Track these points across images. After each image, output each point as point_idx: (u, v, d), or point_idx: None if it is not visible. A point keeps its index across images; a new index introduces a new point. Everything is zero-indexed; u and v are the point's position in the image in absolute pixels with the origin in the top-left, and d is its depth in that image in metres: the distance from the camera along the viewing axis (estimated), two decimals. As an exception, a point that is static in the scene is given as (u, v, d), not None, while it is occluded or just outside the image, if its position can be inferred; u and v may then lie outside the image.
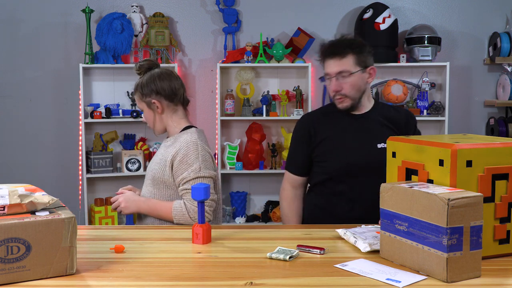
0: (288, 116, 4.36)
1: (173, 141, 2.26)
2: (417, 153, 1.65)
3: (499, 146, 1.59)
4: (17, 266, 1.40)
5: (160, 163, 2.23)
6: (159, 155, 2.28)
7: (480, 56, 4.55)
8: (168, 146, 2.27)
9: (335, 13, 4.51)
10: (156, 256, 1.69)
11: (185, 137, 2.22)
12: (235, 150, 4.38)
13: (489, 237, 1.59)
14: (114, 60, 4.24)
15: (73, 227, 1.47)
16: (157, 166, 2.24)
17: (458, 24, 4.54)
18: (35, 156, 4.45)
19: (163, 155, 2.24)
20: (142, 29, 4.35)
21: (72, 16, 4.38)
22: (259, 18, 4.47)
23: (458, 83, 4.52)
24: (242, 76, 4.31)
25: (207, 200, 1.87)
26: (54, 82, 4.44)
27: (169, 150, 2.24)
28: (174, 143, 2.25)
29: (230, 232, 1.96)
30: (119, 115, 4.31)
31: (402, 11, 4.52)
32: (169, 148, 2.25)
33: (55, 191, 2.83)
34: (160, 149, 2.33)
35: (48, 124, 4.46)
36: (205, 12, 4.47)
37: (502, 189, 1.59)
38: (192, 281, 1.45)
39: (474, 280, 1.42)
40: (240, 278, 1.46)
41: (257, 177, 4.58)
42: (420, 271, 1.48)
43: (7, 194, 1.47)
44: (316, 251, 1.68)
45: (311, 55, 4.47)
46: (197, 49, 4.49)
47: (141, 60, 2.37)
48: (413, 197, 1.48)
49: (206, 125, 4.51)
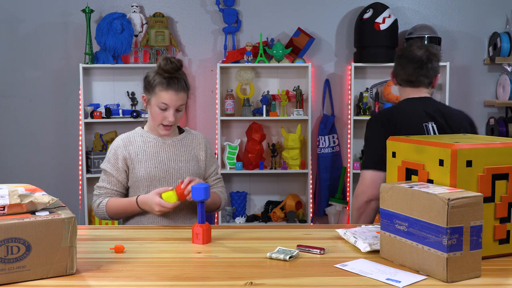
0: (288, 116, 4.36)
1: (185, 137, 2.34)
2: (417, 153, 1.65)
3: (499, 146, 1.59)
4: (17, 266, 1.40)
5: (192, 160, 2.30)
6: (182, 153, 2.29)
7: (480, 56, 4.55)
8: (184, 143, 2.32)
9: (335, 13, 4.51)
10: (156, 256, 1.69)
11: (197, 133, 2.41)
12: (235, 150, 4.38)
13: (489, 237, 1.59)
14: (114, 60, 4.24)
15: (73, 227, 1.47)
16: (191, 164, 2.28)
17: (458, 24, 4.54)
18: (35, 156, 4.45)
19: (191, 152, 2.31)
20: (142, 29, 4.35)
21: (72, 16, 4.38)
22: (259, 18, 4.47)
23: (458, 83, 4.52)
24: (242, 76, 4.31)
25: (207, 199, 1.86)
26: (54, 82, 4.44)
27: (193, 146, 2.34)
28: (191, 139, 2.35)
29: (230, 232, 1.96)
30: (119, 115, 4.31)
31: (402, 11, 4.52)
32: (190, 145, 2.33)
33: (55, 191, 2.84)
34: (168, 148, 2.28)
35: (48, 124, 4.46)
36: (205, 12, 4.47)
37: (502, 189, 1.59)
38: (192, 281, 1.45)
39: (474, 280, 1.42)
40: (240, 278, 1.46)
41: (257, 177, 4.58)
42: (420, 271, 1.48)
43: (7, 194, 1.47)
44: (316, 251, 1.68)
45: (311, 55, 4.47)
46: (197, 49, 4.49)
47: (172, 57, 2.21)
48: (413, 197, 1.48)
49: (206, 125, 4.51)
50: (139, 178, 2.23)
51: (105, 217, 2.26)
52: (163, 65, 2.17)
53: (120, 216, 2.28)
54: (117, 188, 2.27)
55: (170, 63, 2.17)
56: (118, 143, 2.28)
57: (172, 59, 2.19)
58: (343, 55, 4.53)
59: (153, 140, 2.29)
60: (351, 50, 4.48)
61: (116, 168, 2.25)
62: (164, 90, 2.18)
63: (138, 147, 2.27)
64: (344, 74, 4.54)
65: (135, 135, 2.31)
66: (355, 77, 4.42)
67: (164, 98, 2.18)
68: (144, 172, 2.23)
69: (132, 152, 2.26)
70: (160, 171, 2.24)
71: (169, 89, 2.18)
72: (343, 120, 4.56)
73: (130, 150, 2.26)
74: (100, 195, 2.27)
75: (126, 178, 2.27)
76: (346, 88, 4.53)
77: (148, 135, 2.30)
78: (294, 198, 4.44)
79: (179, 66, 2.19)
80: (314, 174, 4.51)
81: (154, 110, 2.22)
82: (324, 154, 4.45)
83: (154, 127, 2.29)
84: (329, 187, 4.49)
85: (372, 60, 4.29)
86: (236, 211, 4.45)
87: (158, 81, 2.19)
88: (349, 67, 4.46)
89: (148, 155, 2.26)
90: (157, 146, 2.28)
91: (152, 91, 2.21)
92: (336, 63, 4.54)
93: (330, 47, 4.53)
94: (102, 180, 2.28)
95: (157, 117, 2.23)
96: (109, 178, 2.26)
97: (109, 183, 2.26)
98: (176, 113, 2.23)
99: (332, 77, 4.54)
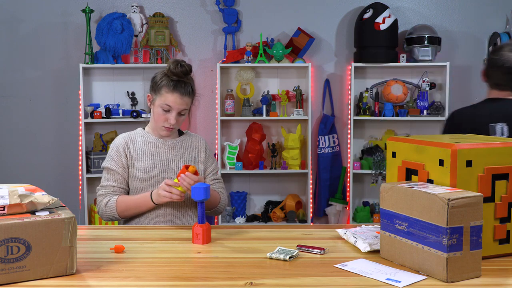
0: (288, 116, 4.37)
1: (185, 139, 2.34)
2: (417, 153, 1.65)
3: (499, 146, 1.59)
4: (17, 266, 1.40)
5: (191, 162, 2.29)
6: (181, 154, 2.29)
7: (480, 56, 4.54)
8: (183, 145, 2.32)
9: (335, 13, 4.51)
10: (156, 256, 1.69)
11: (197, 136, 2.41)
12: (235, 150, 4.38)
13: (489, 237, 1.59)
14: (114, 60, 4.24)
15: (73, 227, 1.47)
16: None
17: (458, 24, 4.54)
18: (35, 156, 4.45)
19: (190, 154, 2.31)
20: (142, 29, 4.35)
21: (72, 16, 4.38)
22: (259, 18, 4.47)
23: (458, 83, 4.52)
24: (242, 76, 4.31)
25: (207, 199, 1.86)
26: (54, 82, 4.44)
27: (192, 147, 2.34)
28: (191, 141, 2.35)
29: (230, 232, 1.96)
30: (119, 115, 4.31)
31: (402, 11, 4.52)
32: (189, 147, 2.33)
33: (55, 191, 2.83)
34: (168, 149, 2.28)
35: (48, 124, 4.46)
36: (205, 12, 4.47)
37: (502, 189, 1.59)
38: (192, 281, 1.45)
39: (474, 280, 1.42)
40: (240, 278, 1.46)
41: (257, 177, 4.58)
42: (420, 271, 1.48)
43: (7, 194, 1.47)
44: (316, 251, 1.68)
45: (311, 55, 4.47)
46: (197, 49, 4.49)
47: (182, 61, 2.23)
48: (413, 197, 1.48)
49: (206, 125, 4.51)
50: (137, 178, 2.23)
51: (113, 216, 2.22)
52: (173, 68, 2.19)
53: (131, 214, 2.23)
54: (124, 185, 2.25)
55: (180, 67, 2.19)
56: (119, 141, 2.28)
57: (183, 63, 2.21)
58: (343, 55, 4.53)
59: (153, 141, 2.29)
60: (351, 50, 4.48)
61: (121, 165, 2.24)
62: (169, 92, 2.19)
63: (139, 146, 2.27)
64: (344, 74, 4.54)
65: (136, 135, 2.32)
66: (355, 77, 4.42)
67: (168, 99, 2.19)
68: (143, 172, 2.23)
69: (133, 151, 2.26)
70: (159, 171, 2.24)
71: (175, 92, 2.19)
72: (343, 120, 4.56)
73: (131, 148, 2.26)
74: (107, 194, 2.23)
75: (128, 175, 2.27)
76: (346, 88, 4.53)
77: (149, 136, 2.31)
78: (294, 198, 4.44)
79: (188, 71, 2.22)
80: (314, 174, 4.51)
81: (157, 111, 2.23)
82: (324, 154, 4.45)
83: (155, 127, 2.29)
84: (329, 187, 4.49)
85: (372, 60, 4.29)
86: (236, 211, 4.45)
87: (165, 82, 2.21)
88: (349, 67, 4.46)
89: (148, 155, 2.26)
90: (157, 147, 2.28)
91: (158, 91, 2.22)
92: (336, 63, 4.54)
93: (330, 47, 4.53)
94: (106, 179, 2.25)
95: (159, 118, 2.23)
96: (114, 176, 2.24)
97: (115, 181, 2.24)
98: (178, 117, 2.23)
99: (332, 77, 4.54)
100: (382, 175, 4.17)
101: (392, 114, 4.34)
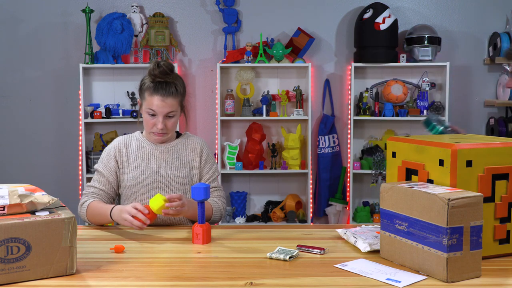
0: (288, 116, 4.36)
1: (180, 143, 2.23)
2: (417, 153, 1.65)
3: (499, 146, 1.59)
4: (17, 266, 1.40)
5: (184, 167, 2.19)
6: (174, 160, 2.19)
7: (480, 56, 4.55)
8: (177, 149, 2.22)
9: (335, 13, 4.51)
10: (156, 256, 1.69)
11: (196, 138, 2.28)
12: (235, 150, 4.38)
13: (489, 237, 1.59)
14: (114, 60, 4.24)
15: (73, 227, 1.47)
16: (182, 171, 2.18)
17: (458, 24, 4.54)
18: (35, 156, 4.45)
19: (183, 159, 2.20)
20: (142, 29, 4.35)
21: (72, 16, 4.37)
22: (259, 18, 4.47)
23: (458, 83, 4.52)
24: (242, 76, 4.31)
25: (207, 199, 1.86)
26: (54, 82, 4.44)
27: (187, 152, 2.22)
28: (186, 145, 2.23)
29: (230, 232, 1.96)
30: (119, 115, 4.31)
31: (402, 11, 4.52)
32: (183, 151, 2.22)
33: (55, 191, 2.83)
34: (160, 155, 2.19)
35: (48, 124, 4.46)
36: (205, 12, 4.47)
37: (502, 189, 1.59)
38: (192, 281, 1.45)
39: (474, 280, 1.42)
40: (240, 278, 1.46)
41: (257, 177, 4.58)
42: (420, 271, 1.48)
43: (7, 194, 1.47)
44: (316, 251, 1.68)
45: (311, 55, 4.47)
46: (197, 49, 4.49)
47: (161, 61, 2.12)
48: (413, 197, 1.48)
49: (206, 125, 4.51)
50: (127, 184, 2.17)
51: (84, 219, 2.13)
52: (151, 69, 2.10)
53: (98, 222, 2.10)
54: (106, 188, 2.18)
55: (158, 67, 2.09)
56: (113, 145, 2.24)
57: (162, 62, 2.11)
58: (343, 55, 4.53)
59: (147, 146, 2.21)
60: (351, 50, 4.48)
61: (108, 168, 2.19)
62: (151, 95, 2.10)
63: (132, 151, 2.20)
64: (344, 74, 4.54)
65: (132, 138, 2.24)
66: (355, 77, 4.42)
67: (150, 103, 2.11)
68: (132, 179, 2.16)
69: (125, 156, 2.19)
70: (148, 178, 2.16)
71: (155, 94, 2.09)
72: (343, 120, 4.56)
73: (123, 154, 2.20)
74: (87, 194, 2.18)
75: (117, 180, 2.20)
76: (346, 88, 4.53)
77: (143, 140, 2.23)
78: (294, 198, 4.44)
79: (167, 71, 2.10)
80: (314, 174, 4.51)
81: (145, 116, 2.15)
82: (324, 154, 4.45)
83: (146, 133, 2.23)
84: (329, 187, 4.49)
85: (372, 60, 4.29)
86: (236, 211, 4.45)
87: (147, 85, 2.13)
88: (349, 67, 4.46)
89: (139, 161, 2.18)
90: (149, 153, 2.20)
91: (142, 95, 2.16)
92: (336, 63, 4.54)
93: (330, 47, 4.53)
94: (93, 180, 2.22)
95: (147, 124, 2.16)
96: (100, 177, 2.20)
97: (99, 182, 2.19)
98: (167, 120, 2.13)
99: (332, 77, 4.54)
100: (382, 175, 4.16)
101: (392, 114, 4.34)
